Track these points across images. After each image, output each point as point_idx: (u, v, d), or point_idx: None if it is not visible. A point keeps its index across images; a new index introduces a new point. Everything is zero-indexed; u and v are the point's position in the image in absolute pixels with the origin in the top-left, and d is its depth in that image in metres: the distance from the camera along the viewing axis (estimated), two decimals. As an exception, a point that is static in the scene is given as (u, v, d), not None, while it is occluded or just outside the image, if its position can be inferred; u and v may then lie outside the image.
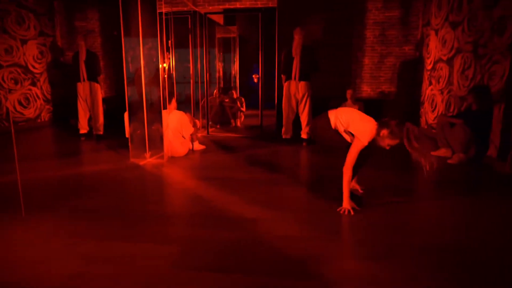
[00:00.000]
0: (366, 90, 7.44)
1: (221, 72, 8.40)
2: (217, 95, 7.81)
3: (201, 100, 6.70)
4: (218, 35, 8.42)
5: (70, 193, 3.33)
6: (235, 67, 8.48)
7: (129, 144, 4.50)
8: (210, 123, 7.26)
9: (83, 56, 5.58)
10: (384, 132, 2.73)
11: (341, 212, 2.80)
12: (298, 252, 2.21)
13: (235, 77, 8.58)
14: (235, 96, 7.75)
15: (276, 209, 2.90)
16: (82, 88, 5.73)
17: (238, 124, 7.54)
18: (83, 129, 5.90)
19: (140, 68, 4.25)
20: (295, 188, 3.47)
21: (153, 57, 4.31)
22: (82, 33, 5.78)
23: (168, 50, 5.90)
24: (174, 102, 4.76)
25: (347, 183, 2.81)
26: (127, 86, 4.38)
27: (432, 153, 4.76)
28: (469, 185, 3.66)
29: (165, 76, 4.52)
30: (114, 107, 7.11)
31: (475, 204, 3.06)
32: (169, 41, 5.45)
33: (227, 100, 7.46)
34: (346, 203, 2.82)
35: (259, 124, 6.43)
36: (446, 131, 4.49)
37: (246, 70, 9.16)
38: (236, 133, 6.68)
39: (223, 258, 2.14)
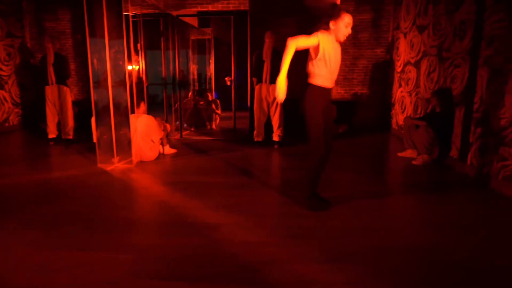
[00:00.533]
0: (340, 91, 7.54)
1: (195, 75, 8.35)
2: (192, 98, 7.77)
3: (174, 103, 6.64)
4: (192, 37, 8.37)
5: (34, 200, 3.24)
6: (211, 69, 8.44)
7: (97, 149, 4.42)
8: (185, 125, 7.21)
9: (51, 59, 5.45)
10: (329, 24, 2.68)
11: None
12: (256, 257, 2.22)
13: (210, 79, 8.54)
14: (210, 98, 7.72)
15: (241, 214, 2.90)
16: (51, 91, 5.60)
17: (214, 126, 7.51)
18: (52, 133, 5.77)
19: (106, 71, 4.19)
20: (263, 192, 3.48)
21: (119, 60, 4.25)
22: (49, 35, 5.64)
23: (137, 53, 5.83)
24: (143, 106, 4.70)
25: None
26: (93, 90, 4.30)
27: (399, 154, 4.87)
28: (431, 186, 3.75)
29: (133, 79, 4.45)
30: (86, 109, 6.96)
31: (435, 205, 3.15)
32: (138, 44, 5.38)
33: (201, 103, 7.43)
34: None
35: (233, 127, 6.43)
36: (412, 133, 4.60)
37: (222, 72, 9.13)
38: (210, 136, 6.66)
39: (181, 266, 2.13)
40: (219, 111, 7.70)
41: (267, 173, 4.30)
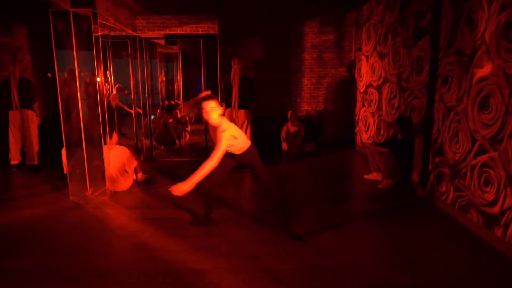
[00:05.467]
0: (307, 108, 7.82)
1: (163, 92, 8.30)
2: (160, 115, 7.72)
3: (144, 125, 6.59)
4: (159, 49, 8.29)
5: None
6: (179, 85, 8.42)
7: (68, 181, 4.32)
8: (154, 143, 7.15)
9: (15, 84, 5.28)
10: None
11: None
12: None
13: (178, 95, 8.51)
14: (179, 115, 7.72)
15: (227, 255, 2.94)
16: (14, 116, 5.44)
17: (183, 144, 7.52)
18: (15, 159, 5.55)
19: (78, 105, 4.11)
20: (238, 228, 3.53)
21: (91, 93, 4.19)
22: (11, 59, 5.43)
23: (107, 80, 5.73)
24: (115, 137, 4.66)
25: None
26: (63, 121, 4.20)
27: (366, 176, 5.17)
28: (393, 214, 3.95)
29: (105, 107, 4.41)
30: (48, 129, 6.68)
31: (395, 238, 3.41)
32: (108, 72, 5.30)
33: (171, 121, 7.41)
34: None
35: (204, 145, 6.49)
36: (376, 158, 4.91)
37: (190, 85, 9.12)
38: (181, 156, 6.66)
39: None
40: (188, 128, 7.71)
41: (239, 202, 4.31)
